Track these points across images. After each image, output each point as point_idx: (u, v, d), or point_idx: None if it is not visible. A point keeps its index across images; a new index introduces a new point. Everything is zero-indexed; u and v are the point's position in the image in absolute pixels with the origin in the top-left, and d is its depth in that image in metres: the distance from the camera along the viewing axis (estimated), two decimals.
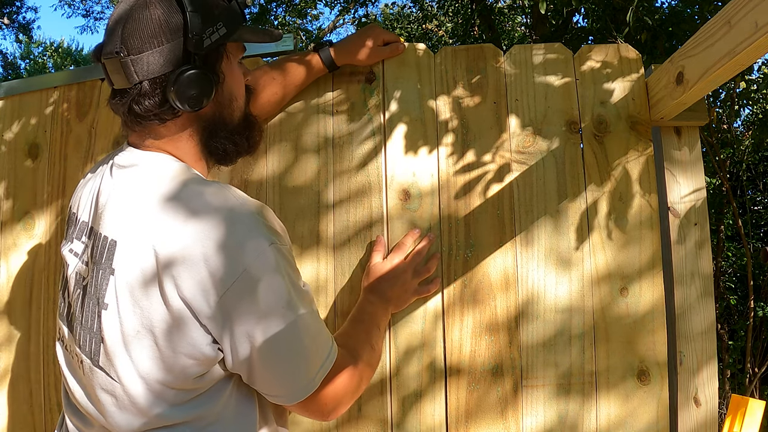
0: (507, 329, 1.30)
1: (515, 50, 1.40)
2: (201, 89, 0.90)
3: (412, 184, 1.35)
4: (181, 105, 0.89)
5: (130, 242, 0.86)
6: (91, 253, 0.91)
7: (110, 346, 0.86)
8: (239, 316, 0.83)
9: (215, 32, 0.92)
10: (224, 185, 0.91)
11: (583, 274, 1.31)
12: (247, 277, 0.82)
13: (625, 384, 1.28)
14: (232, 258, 0.82)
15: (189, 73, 0.88)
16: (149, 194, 0.88)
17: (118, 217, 0.89)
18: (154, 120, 0.91)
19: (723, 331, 3.94)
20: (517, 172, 1.35)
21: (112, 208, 0.91)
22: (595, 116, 1.37)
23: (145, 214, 0.87)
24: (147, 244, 0.84)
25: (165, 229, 0.84)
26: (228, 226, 0.84)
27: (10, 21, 10.17)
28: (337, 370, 0.94)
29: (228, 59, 0.98)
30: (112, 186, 0.93)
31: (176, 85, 0.88)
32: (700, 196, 1.35)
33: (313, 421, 1.29)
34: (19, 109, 1.55)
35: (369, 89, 1.39)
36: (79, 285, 0.93)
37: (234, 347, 0.84)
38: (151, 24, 0.88)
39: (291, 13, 8.42)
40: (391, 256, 1.28)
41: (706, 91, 1.21)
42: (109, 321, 0.86)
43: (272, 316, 0.85)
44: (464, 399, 1.29)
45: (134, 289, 0.84)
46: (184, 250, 0.82)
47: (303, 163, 1.38)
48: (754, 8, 0.91)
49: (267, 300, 0.84)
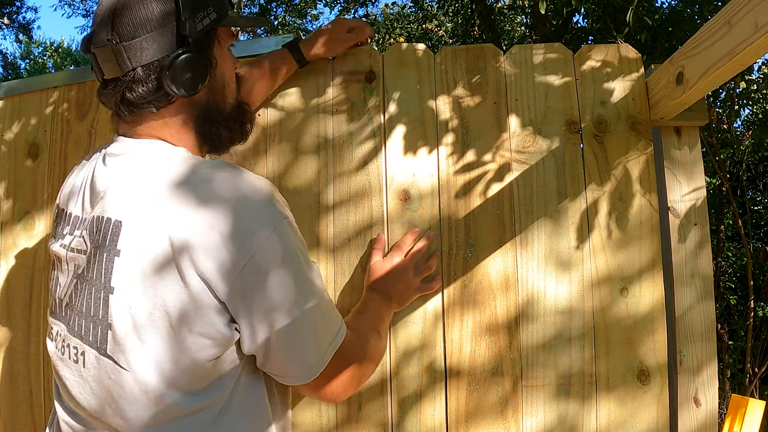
0: (507, 330, 1.30)
1: (515, 50, 1.40)
2: (195, 73, 0.90)
3: (412, 184, 1.35)
4: (176, 90, 0.88)
5: (138, 223, 0.83)
6: (90, 240, 0.88)
7: (119, 331, 0.83)
8: (259, 296, 0.82)
9: (206, 17, 0.92)
10: (233, 167, 0.88)
11: (583, 274, 1.31)
12: (264, 257, 0.82)
13: (625, 384, 1.28)
14: (248, 239, 0.81)
15: (183, 57, 0.88)
16: (155, 178, 0.86)
17: (122, 199, 0.87)
18: (147, 107, 0.90)
19: (723, 331, 3.94)
20: (517, 172, 1.35)
21: (115, 191, 0.88)
22: (595, 116, 1.37)
23: (154, 196, 0.84)
24: (159, 227, 0.82)
25: (177, 214, 0.82)
26: (241, 210, 0.82)
27: (10, 21, 10.17)
28: (345, 349, 0.94)
29: (219, 44, 0.97)
30: (109, 173, 0.91)
31: (171, 70, 0.87)
32: (700, 195, 1.35)
33: (313, 422, 1.29)
34: (19, 109, 1.55)
35: (369, 89, 1.39)
36: (75, 275, 0.90)
37: (252, 327, 0.84)
38: (143, 10, 0.87)
39: (291, 13, 8.43)
40: (392, 255, 1.28)
41: (706, 91, 1.21)
42: (118, 305, 0.83)
43: (291, 296, 0.85)
44: (464, 400, 1.29)
45: (146, 269, 0.82)
46: (200, 234, 0.80)
47: (303, 163, 1.38)
48: (754, 8, 0.91)
49: (286, 280, 0.84)
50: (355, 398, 1.29)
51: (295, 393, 1.29)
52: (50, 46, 14.99)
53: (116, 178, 0.89)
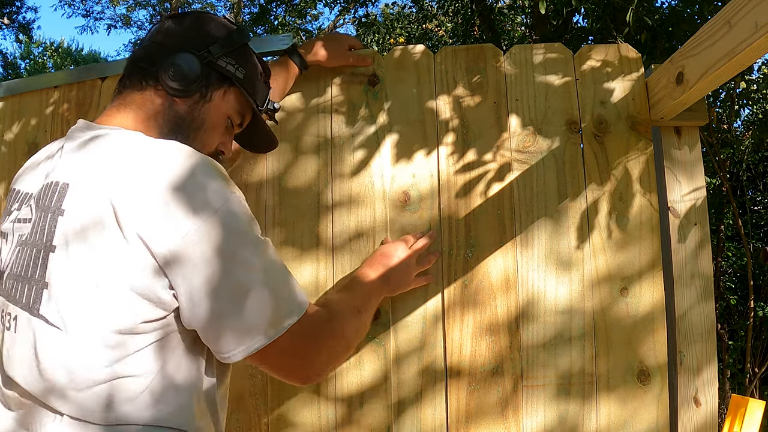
0: (507, 329, 1.30)
1: (515, 50, 1.40)
2: (187, 81, 0.96)
3: (412, 184, 1.35)
4: (162, 75, 0.95)
5: (84, 185, 0.84)
6: (38, 207, 0.88)
7: (56, 288, 0.82)
8: (200, 263, 0.80)
9: (236, 70, 1.02)
10: (183, 145, 0.89)
11: (584, 274, 1.31)
12: (210, 223, 0.81)
13: (626, 384, 1.28)
14: (194, 203, 0.81)
15: (192, 61, 0.96)
16: (106, 146, 0.88)
17: (71, 164, 0.88)
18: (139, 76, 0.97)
19: (723, 331, 3.94)
20: (518, 171, 1.35)
21: (67, 159, 0.90)
22: (595, 116, 1.37)
23: (102, 160, 0.85)
24: (103, 187, 0.81)
25: (123, 177, 0.82)
26: (189, 171, 0.82)
27: (10, 21, 10.17)
28: (308, 326, 0.90)
29: (224, 98, 1.02)
30: (65, 148, 0.93)
31: (175, 59, 0.95)
32: (700, 195, 1.35)
33: (313, 422, 1.29)
34: (19, 109, 1.55)
35: (372, 92, 1.39)
36: (18, 243, 0.89)
37: (190, 294, 0.81)
38: (209, 22, 1.02)
39: (291, 13, 8.43)
40: (397, 243, 1.28)
41: (706, 91, 1.21)
42: (57, 263, 0.82)
43: (233, 263, 0.82)
44: (464, 400, 1.29)
45: (87, 228, 0.81)
46: (143, 194, 0.80)
47: (303, 163, 1.38)
48: (754, 8, 0.91)
49: (229, 247, 0.82)
50: (356, 398, 1.29)
51: (292, 390, 1.29)
52: (50, 46, 15.00)
53: (70, 150, 0.91)
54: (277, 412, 1.30)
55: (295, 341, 0.89)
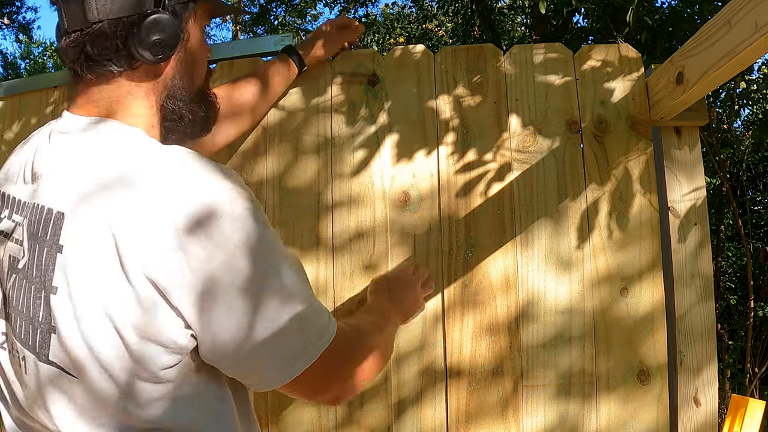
0: (507, 330, 1.30)
1: (515, 50, 1.40)
2: (165, 39, 0.80)
3: (413, 184, 1.35)
4: (141, 52, 0.79)
5: (81, 216, 0.73)
6: (28, 231, 0.77)
7: (66, 336, 0.73)
8: (217, 296, 0.71)
9: None
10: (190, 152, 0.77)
11: (584, 275, 1.31)
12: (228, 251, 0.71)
13: (626, 384, 1.28)
14: (210, 229, 0.70)
15: (155, 18, 0.79)
16: (102, 162, 0.76)
17: (63, 187, 0.76)
18: (108, 65, 0.80)
19: (723, 331, 3.94)
20: (518, 171, 1.35)
21: (56, 177, 0.77)
22: (595, 116, 1.37)
23: (99, 185, 0.74)
24: (101, 218, 0.71)
25: (122, 202, 0.71)
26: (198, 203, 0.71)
27: (10, 21, 10.16)
28: (339, 346, 0.82)
29: (196, 20, 0.88)
30: (51, 153, 0.80)
31: (140, 29, 0.78)
32: (700, 195, 1.35)
33: (313, 422, 1.29)
34: (19, 108, 1.55)
35: (372, 92, 1.39)
36: (14, 269, 0.79)
37: (213, 331, 0.72)
38: None
39: (291, 13, 8.43)
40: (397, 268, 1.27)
41: (706, 91, 1.21)
42: (60, 307, 0.73)
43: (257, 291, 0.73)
44: (464, 400, 1.29)
45: (89, 268, 0.71)
46: (148, 230, 0.70)
47: (303, 163, 1.38)
48: (754, 8, 0.91)
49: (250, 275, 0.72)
50: (356, 398, 1.29)
51: None
52: (50, 46, 15.00)
53: (58, 162, 0.79)
54: (277, 411, 1.30)
55: (327, 362, 0.81)
